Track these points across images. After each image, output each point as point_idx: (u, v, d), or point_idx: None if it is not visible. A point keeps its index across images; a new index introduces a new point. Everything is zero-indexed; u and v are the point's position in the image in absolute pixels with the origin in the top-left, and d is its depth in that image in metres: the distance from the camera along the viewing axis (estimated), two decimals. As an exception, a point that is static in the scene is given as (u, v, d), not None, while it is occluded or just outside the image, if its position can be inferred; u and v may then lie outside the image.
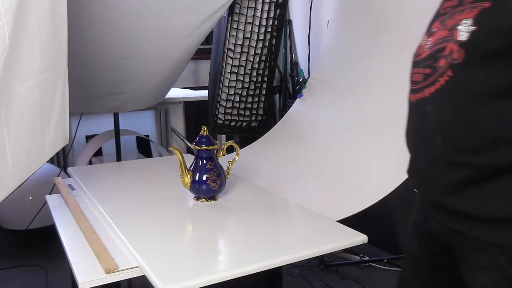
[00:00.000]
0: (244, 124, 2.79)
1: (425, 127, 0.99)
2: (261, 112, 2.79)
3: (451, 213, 0.98)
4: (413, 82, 1.03)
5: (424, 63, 1.00)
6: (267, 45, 2.56)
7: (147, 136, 3.74)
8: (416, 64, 1.04)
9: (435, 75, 0.95)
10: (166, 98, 3.18)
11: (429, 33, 1.03)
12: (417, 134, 1.04)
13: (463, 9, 0.92)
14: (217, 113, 2.71)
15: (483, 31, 0.87)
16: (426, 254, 1.14)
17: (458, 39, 0.90)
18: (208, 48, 3.03)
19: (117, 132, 3.02)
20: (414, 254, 1.19)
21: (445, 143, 0.95)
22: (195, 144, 1.45)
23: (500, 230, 0.92)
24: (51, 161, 3.12)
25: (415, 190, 1.16)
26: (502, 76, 0.87)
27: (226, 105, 2.69)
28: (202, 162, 1.44)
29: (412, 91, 1.03)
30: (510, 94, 0.87)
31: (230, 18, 2.44)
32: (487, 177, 0.91)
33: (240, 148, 1.55)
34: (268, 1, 2.44)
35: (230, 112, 2.72)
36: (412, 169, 1.09)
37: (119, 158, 3.04)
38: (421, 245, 1.15)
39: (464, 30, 0.89)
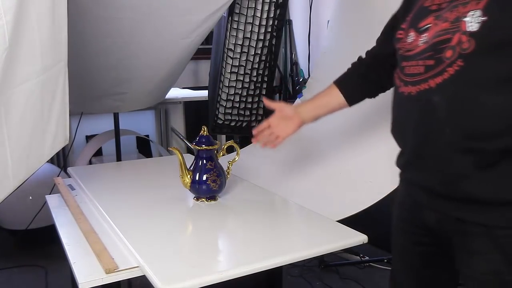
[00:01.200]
0: (244, 124, 2.79)
1: (430, 117, 0.99)
2: (261, 112, 2.78)
3: (457, 200, 1.00)
4: (409, 75, 1.05)
5: (422, 56, 1.01)
6: (267, 45, 2.56)
7: (147, 136, 3.74)
8: (408, 58, 1.06)
9: (441, 65, 0.96)
10: (166, 98, 3.18)
11: (419, 30, 1.05)
12: (419, 126, 1.03)
13: (466, 1, 0.95)
14: (217, 113, 2.71)
15: (494, 21, 0.90)
16: (416, 247, 1.16)
17: (467, 29, 0.92)
18: (208, 48, 3.03)
19: (117, 132, 3.02)
20: (403, 248, 1.21)
21: (454, 131, 0.96)
22: (195, 144, 1.45)
23: (504, 211, 0.95)
24: (51, 161, 3.12)
25: (401, 184, 1.21)
26: None
27: (226, 105, 2.69)
28: (202, 162, 1.44)
29: (410, 83, 1.04)
30: None
31: (230, 18, 2.44)
32: (496, 161, 0.94)
33: (240, 148, 1.55)
34: (268, 1, 2.44)
35: (230, 112, 2.72)
36: (413, 162, 1.09)
37: (119, 158, 3.04)
38: (410, 237, 1.17)
39: (473, 21, 0.92)
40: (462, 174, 0.97)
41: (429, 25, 1.02)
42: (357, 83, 1.37)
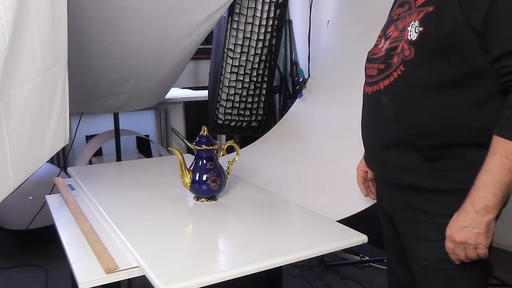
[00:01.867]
0: (244, 124, 2.79)
1: (380, 116, 1.10)
2: (261, 112, 2.79)
3: (404, 188, 1.11)
4: (368, 76, 1.16)
5: (379, 60, 1.13)
6: (267, 45, 2.56)
7: (147, 136, 3.74)
8: (371, 60, 1.17)
9: (389, 70, 1.07)
10: (166, 98, 3.18)
11: (386, 37, 1.15)
12: (373, 123, 1.15)
13: (411, 12, 1.06)
14: (217, 113, 2.71)
15: (429, 31, 1.00)
16: (396, 232, 1.23)
17: (409, 38, 1.03)
18: (208, 48, 3.03)
19: (117, 132, 3.02)
20: (388, 235, 1.29)
21: (399, 129, 1.07)
22: (195, 144, 1.45)
23: (445, 200, 1.04)
24: (51, 161, 3.12)
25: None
26: (446, 70, 1.00)
27: (226, 105, 2.69)
28: (202, 162, 1.44)
29: (368, 84, 1.15)
30: (454, 85, 1.00)
31: (230, 18, 2.44)
32: (438, 156, 1.04)
33: (240, 148, 1.55)
34: (268, 1, 2.44)
35: (230, 112, 2.72)
36: (369, 155, 1.22)
37: (119, 158, 3.04)
38: (390, 223, 1.25)
39: (413, 30, 1.02)
40: (408, 167, 1.08)
41: (391, 33, 1.13)
42: None
